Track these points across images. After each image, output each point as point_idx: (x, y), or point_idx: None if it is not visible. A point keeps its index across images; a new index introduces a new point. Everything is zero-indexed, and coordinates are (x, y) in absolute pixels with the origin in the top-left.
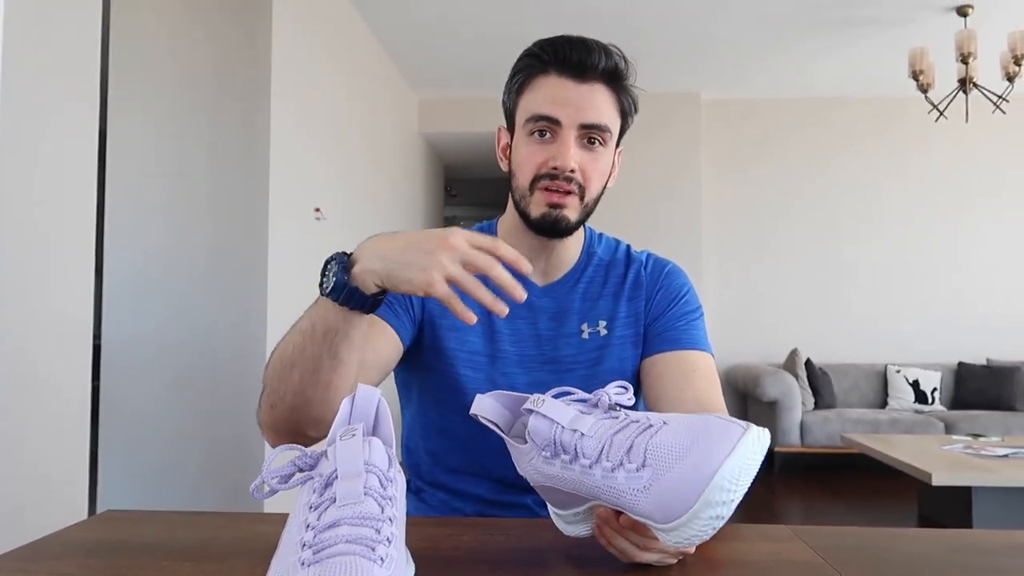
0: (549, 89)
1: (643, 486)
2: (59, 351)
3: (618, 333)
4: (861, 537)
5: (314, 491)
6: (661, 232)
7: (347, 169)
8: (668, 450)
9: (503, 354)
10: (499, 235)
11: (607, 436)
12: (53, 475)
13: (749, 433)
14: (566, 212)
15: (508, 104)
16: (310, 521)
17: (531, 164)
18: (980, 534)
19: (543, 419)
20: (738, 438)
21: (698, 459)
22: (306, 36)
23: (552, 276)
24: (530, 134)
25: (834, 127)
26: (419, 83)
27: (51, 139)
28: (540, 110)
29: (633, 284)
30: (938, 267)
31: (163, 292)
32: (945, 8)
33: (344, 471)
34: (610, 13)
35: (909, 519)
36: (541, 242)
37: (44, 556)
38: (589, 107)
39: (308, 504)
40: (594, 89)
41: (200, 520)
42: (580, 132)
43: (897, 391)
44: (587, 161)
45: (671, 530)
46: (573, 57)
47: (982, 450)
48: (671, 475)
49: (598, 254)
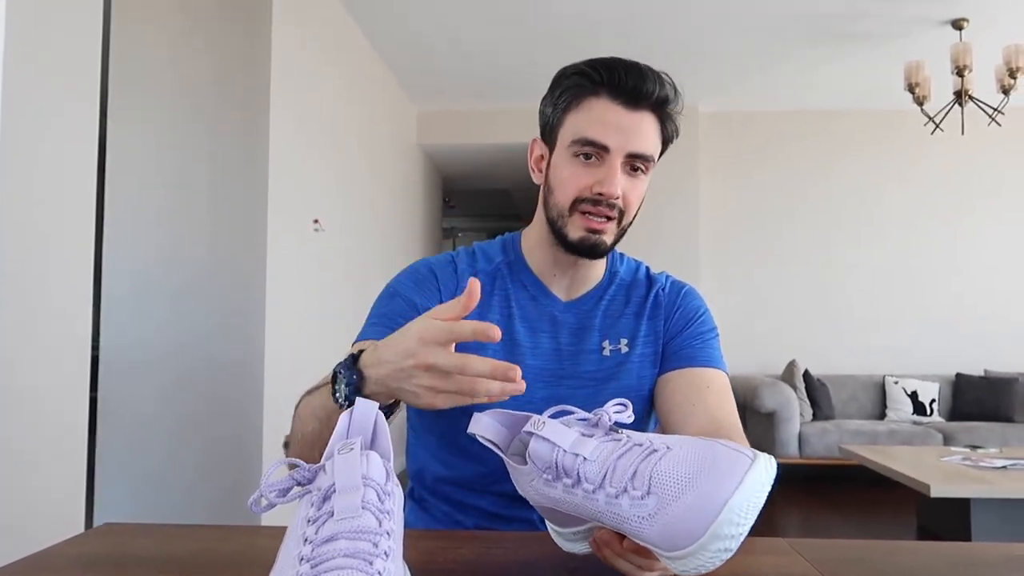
0: (599, 112)
1: (648, 514)
2: (57, 359)
3: (639, 352)
4: (859, 550)
5: (312, 505)
6: (659, 243)
7: (346, 180)
8: (674, 479)
9: (524, 368)
10: (523, 250)
11: (610, 461)
12: (51, 486)
13: (757, 464)
14: (604, 237)
15: (551, 119)
16: (308, 535)
17: (574, 186)
18: (978, 547)
19: (544, 442)
20: (746, 469)
21: (706, 490)
22: (305, 47)
23: (575, 293)
24: (575, 155)
25: (831, 140)
26: (418, 95)
27: (51, 144)
28: (589, 134)
29: (653, 304)
30: (935, 279)
31: (162, 300)
32: (940, 21)
33: (342, 485)
34: (609, 24)
35: (908, 531)
36: (571, 260)
37: (41, 569)
38: (638, 136)
39: (306, 518)
40: (643, 118)
41: (197, 533)
42: (626, 159)
43: (895, 402)
44: (629, 188)
45: (677, 559)
46: (628, 83)
47: (980, 462)
48: (677, 505)
49: (620, 273)
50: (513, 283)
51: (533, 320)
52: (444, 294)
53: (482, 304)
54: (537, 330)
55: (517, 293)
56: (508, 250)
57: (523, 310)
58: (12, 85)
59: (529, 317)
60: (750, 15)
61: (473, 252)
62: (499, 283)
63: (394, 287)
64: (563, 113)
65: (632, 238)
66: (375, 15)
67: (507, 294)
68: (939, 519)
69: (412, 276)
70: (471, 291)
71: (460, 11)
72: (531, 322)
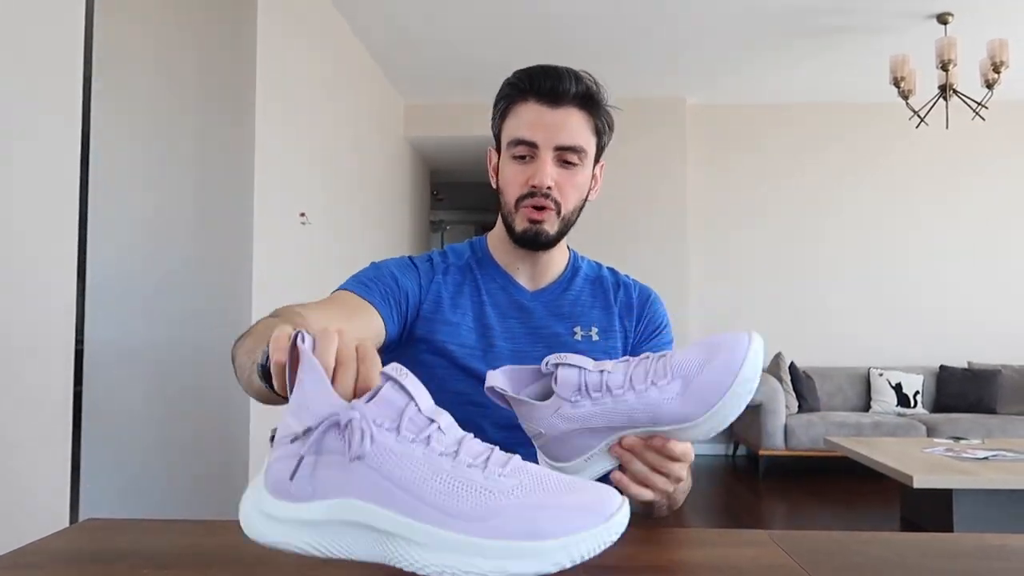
0: (527, 115)
1: (676, 393)
2: (41, 355)
3: (610, 343)
4: (835, 541)
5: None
6: (646, 236)
7: (333, 173)
8: (691, 362)
9: (496, 349)
10: (489, 248)
11: (629, 369)
12: (35, 481)
13: (755, 337)
14: (545, 226)
15: (495, 129)
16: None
17: (515, 184)
18: (951, 537)
19: (571, 368)
20: (749, 341)
21: (722, 360)
22: (291, 40)
23: (540, 283)
24: (513, 157)
25: (818, 132)
26: (405, 87)
27: (34, 137)
28: (519, 134)
29: (625, 304)
30: (920, 272)
31: (147, 294)
32: (926, 16)
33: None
34: (596, 19)
35: (892, 521)
36: (527, 252)
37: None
38: (563, 130)
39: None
40: (568, 113)
41: (181, 528)
42: (556, 153)
43: (880, 394)
44: (563, 178)
45: (701, 424)
46: (546, 85)
47: (963, 453)
48: (701, 378)
49: (583, 269)
50: (483, 275)
51: (503, 307)
52: (423, 279)
53: (455, 293)
54: (507, 316)
55: (487, 284)
56: (476, 249)
57: (494, 298)
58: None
59: (500, 304)
60: (737, 8)
61: (445, 252)
62: (469, 275)
63: (377, 263)
64: (501, 121)
65: (620, 230)
66: (361, 7)
67: (477, 284)
68: (922, 510)
69: (395, 261)
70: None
71: (447, 2)
72: (501, 308)
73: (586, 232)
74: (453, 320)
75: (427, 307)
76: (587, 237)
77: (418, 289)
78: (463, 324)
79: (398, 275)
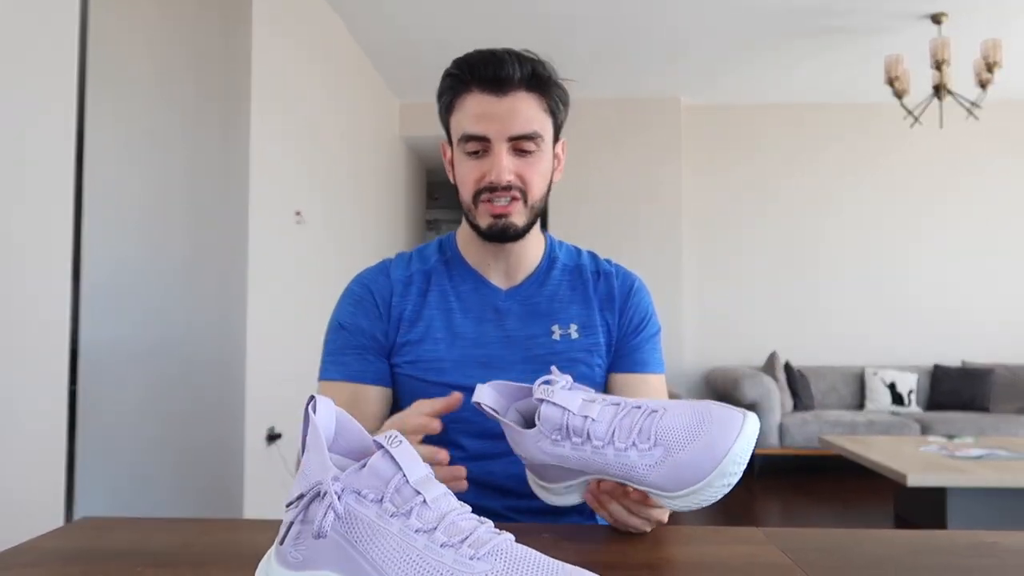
0: (473, 107)
1: (655, 462)
2: (37, 355)
3: (591, 340)
4: (830, 539)
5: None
6: (641, 235)
7: (328, 172)
8: (678, 432)
9: (468, 358)
10: (459, 246)
11: (615, 421)
12: (31, 481)
13: (749, 419)
14: (512, 219)
15: (443, 123)
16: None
17: (470, 181)
18: (944, 535)
19: (555, 407)
20: (742, 423)
21: (709, 440)
22: (286, 39)
23: (515, 278)
24: (465, 153)
25: (812, 132)
26: (401, 87)
27: (28, 138)
28: (469, 129)
29: (606, 296)
30: (914, 272)
31: (142, 294)
32: (920, 16)
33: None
34: (591, 18)
35: (886, 519)
36: (496, 247)
37: (19, 564)
38: (514, 119)
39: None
40: (516, 99)
41: (176, 527)
42: (511, 144)
43: (874, 393)
44: (524, 167)
45: (680, 497)
46: (488, 73)
47: (956, 451)
48: (683, 453)
49: (560, 258)
50: (451, 278)
51: (476, 311)
52: (381, 306)
53: (419, 301)
54: (482, 320)
55: (457, 287)
56: (445, 248)
57: (464, 302)
58: None
59: (471, 308)
60: (732, 9)
61: (410, 256)
62: (435, 280)
63: (337, 319)
64: (447, 115)
65: (614, 230)
66: (356, 6)
67: (444, 290)
68: (916, 508)
69: (350, 300)
70: (449, 402)
71: (443, 1)
72: (475, 313)
73: (582, 231)
74: (414, 338)
75: (392, 332)
76: (583, 237)
77: (382, 323)
78: (428, 338)
79: (362, 322)
